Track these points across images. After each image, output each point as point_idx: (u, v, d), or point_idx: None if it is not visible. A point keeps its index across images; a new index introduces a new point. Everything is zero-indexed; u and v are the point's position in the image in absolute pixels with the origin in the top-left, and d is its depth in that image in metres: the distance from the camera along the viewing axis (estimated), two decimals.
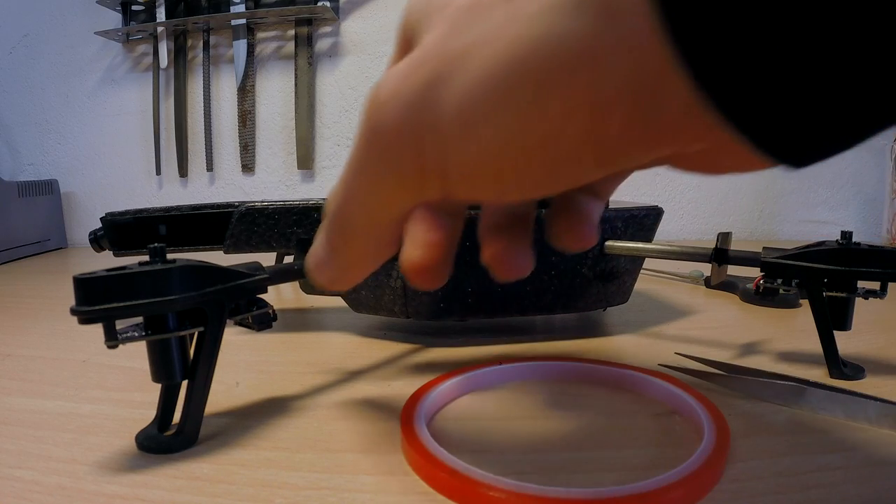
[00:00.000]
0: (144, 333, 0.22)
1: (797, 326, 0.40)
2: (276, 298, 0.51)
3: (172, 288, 0.21)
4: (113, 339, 0.21)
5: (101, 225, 0.40)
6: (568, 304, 0.37)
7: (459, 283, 0.34)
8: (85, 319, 0.20)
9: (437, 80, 0.13)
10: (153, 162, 0.95)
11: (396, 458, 0.22)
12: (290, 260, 0.35)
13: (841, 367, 0.30)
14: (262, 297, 0.26)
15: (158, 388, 0.24)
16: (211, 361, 0.23)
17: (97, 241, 0.41)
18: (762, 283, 0.31)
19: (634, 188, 0.91)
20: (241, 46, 0.90)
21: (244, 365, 0.34)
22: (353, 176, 0.16)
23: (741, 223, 0.90)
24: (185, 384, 0.23)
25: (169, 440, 0.23)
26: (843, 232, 0.30)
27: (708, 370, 0.29)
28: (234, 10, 0.87)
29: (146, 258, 0.22)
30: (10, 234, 0.79)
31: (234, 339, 0.38)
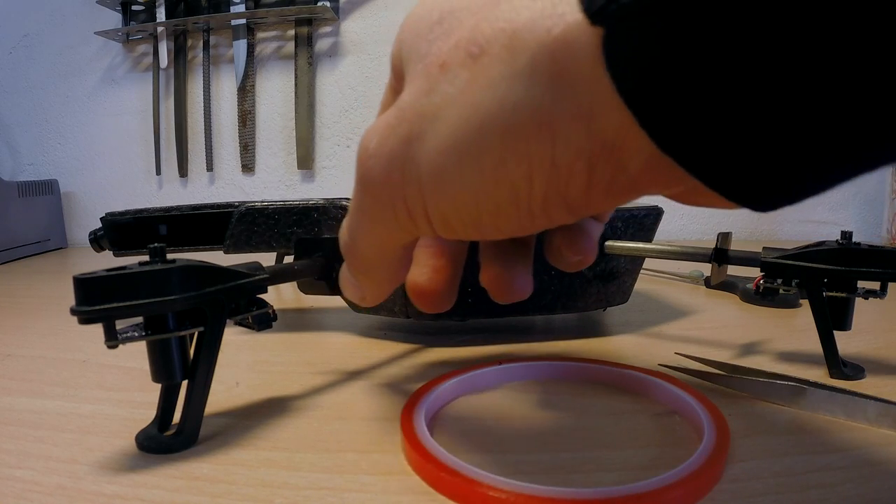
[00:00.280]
0: (144, 333, 0.22)
1: (797, 326, 0.40)
2: (276, 298, 0.51)
3: (172, 288, 0.21)
4: (113, 339, 0.21)
5: (101, 225, 0.40)
6: (568, 304, 0.37)
7: (459, 283, 0.34)
8: (85, 319, 0.20)
9: (413, 137, 0.14)
10: (153, 162, 0.95)
11: (396, 458, 0.22)
12: (290, 260, 0.35)
13: (841, 367, 0.30)
14: (262, 297, 0.26)
15: (158, 388, 0.24)
16: (211, 361, 0.24)
17: (97, 241, 0.41)
18: (762, 283, 0.31)
19: None
20: (241, 46, 0.90)
21: (244, 365, 0.34)
22: (356, 214, 0.17)
23: (741, 223, 0.90)
24: (185, 384, 0.23)
25: (169, 440, 0.23)
26: (843, 232, 0.30)
27: (708, 370, 0.29)
28: (234, 10, 0.87)
29: (146, 258, 0.22)
30: (10, 234, 0.80)
31: (234, 339, 0.38)
